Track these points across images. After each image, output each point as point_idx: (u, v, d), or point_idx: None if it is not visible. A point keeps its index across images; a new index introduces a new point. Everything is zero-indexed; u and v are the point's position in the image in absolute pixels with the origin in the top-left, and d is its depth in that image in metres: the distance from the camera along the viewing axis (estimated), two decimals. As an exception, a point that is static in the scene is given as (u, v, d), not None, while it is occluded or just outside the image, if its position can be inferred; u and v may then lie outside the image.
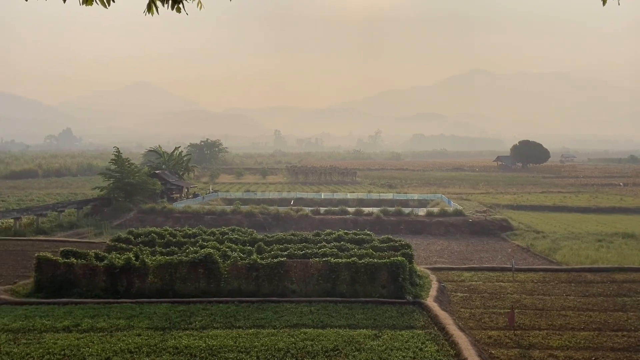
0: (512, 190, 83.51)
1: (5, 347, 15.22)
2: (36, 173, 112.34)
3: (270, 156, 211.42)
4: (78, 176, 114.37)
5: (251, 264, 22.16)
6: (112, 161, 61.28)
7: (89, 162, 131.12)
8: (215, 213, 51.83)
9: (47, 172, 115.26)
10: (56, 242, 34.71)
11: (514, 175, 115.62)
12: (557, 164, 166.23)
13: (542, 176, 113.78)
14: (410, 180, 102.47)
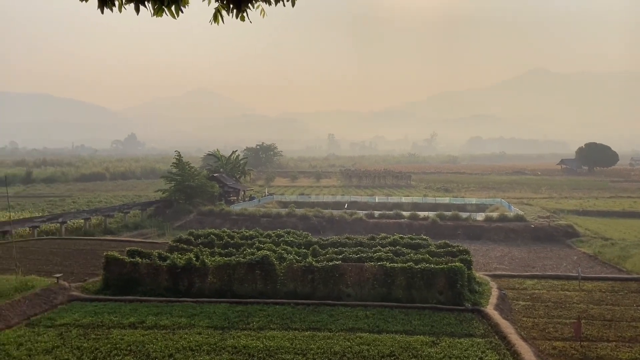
0: (578, 194, 79.60)
1: (76, 341, 16.12)
2: (104, 176, 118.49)
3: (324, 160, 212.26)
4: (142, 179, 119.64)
5: (307, 267, 22.33)
6: (173, 165, 63.65)
7: (152, 166, 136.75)
8: (270, 216, 52.67)
9: (114, 175, 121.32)
10: (122, 242, 36.41)
11: (579, 180, 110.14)
12: (626, 167, 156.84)
13: (610, 180, 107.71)
14: (468, 184, 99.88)
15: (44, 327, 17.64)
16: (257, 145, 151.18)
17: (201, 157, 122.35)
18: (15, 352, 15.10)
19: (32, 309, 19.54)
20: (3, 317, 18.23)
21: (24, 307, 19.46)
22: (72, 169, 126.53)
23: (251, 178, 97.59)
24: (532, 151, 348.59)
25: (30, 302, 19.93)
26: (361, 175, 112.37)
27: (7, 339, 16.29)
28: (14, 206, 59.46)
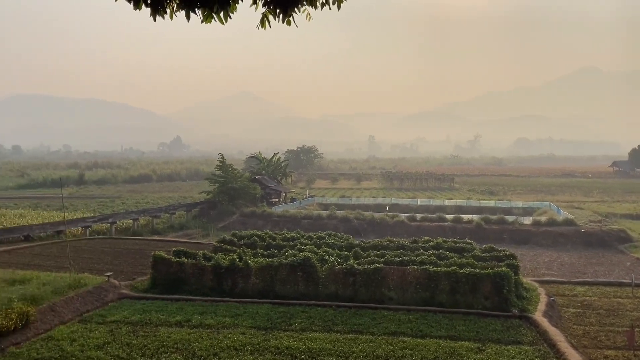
0: (631, 198, 75.94)
1: (126, 338, 16.69)
2: (151, 178, 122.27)
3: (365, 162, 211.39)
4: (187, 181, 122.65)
5: (348, 269, 22.29)
6: (217, 167, 64.94)
7: (196, 168, 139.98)
8: (311, 217, 52.89)
9: (160, 177, 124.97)
10: (168, 242, 37.44)
11: (632, 182, 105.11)
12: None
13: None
14: (514, 187, 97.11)
15: (95, 323, 18.35)
16: (298, 148, 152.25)
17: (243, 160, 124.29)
18: (69, 348, 15.77)
19: (84, 305, 20.36)
20: (58, 314, 19.08)
21: (77, 304, 20.31)
22: (122, 171, 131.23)
23: (292, 180, 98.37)
24: (582, 153, 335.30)
25: (83, 299, 20.78)
26: (402, 178, 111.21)
27: (61, 334, 17.05)
28: (68, 207, 62.15)
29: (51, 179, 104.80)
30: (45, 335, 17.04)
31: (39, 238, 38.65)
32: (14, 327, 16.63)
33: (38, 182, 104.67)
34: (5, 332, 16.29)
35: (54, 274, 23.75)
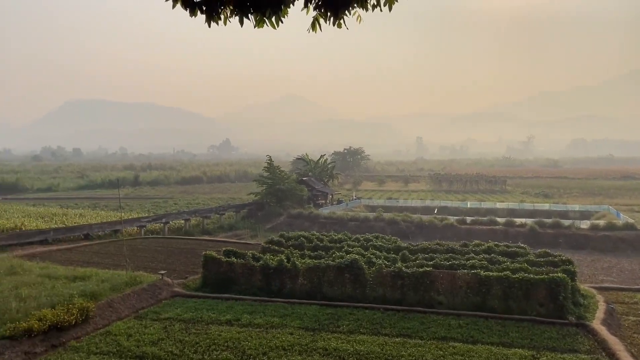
0: (700, 202, 71.23)
1: (179, 335, 17.20)
2: (201, 179, 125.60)
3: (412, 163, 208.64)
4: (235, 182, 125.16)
5: (396, 272, 22.07)
6: (264, 169, 65.91)
7: (245, 170, 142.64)
8: (358, 219, 52.72)
9: (211, 178, 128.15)
10: (218, 242, 38.31)
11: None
12: None
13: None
14: (570, 190, 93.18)
15: (150, 320, 19.02)
16: (344, 149, 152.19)
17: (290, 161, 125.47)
18: (126, 343, 16.42)
19: (140, 302, 21.14)
20: (115, 310, 19.90)
21: (133, 300, 21.11)
22: (174, 172, 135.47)
23: (339, 182, 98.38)
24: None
25: (138, 296, 21.58)
26: (451, 180, 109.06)
27: (118, 330, 17.77)
28: (124, 207, 64.77)
29: (109, 180, 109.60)
30: (103, 330, 17.81)
31: (98, 237, 40.45)
32: (74, 322, 17.47)
33: (96, 183, 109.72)
34: (66, 326, 17.14)
35: (112, 272, 24.82)
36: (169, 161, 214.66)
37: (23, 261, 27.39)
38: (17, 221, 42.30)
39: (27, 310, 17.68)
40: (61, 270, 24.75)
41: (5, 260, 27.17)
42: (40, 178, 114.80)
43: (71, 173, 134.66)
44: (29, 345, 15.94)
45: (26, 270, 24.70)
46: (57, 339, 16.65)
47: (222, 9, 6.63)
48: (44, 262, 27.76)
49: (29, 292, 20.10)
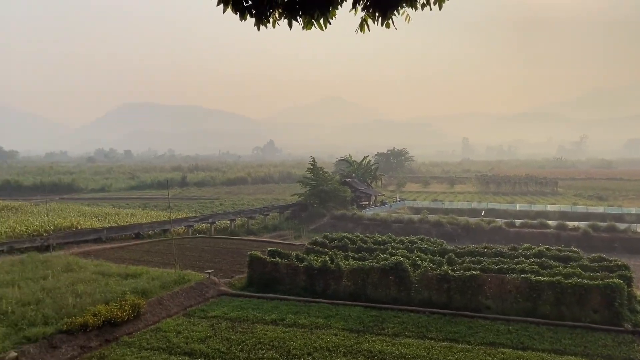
0: None
1: (225, 333, 17.52)
2: (246, 180, 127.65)
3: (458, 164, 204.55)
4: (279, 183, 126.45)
5: (442, 275, 21.68)
6: (308, 170, 66.26)
7: (288, 171, 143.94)
8: (402, 221, 52.16)
9: (255, 179, 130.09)
10: (263, 243, 38.80)
11: None
12: None
13: None
14: (626, 192, 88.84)
15: (198, 317, 19.47)
16: (388, 151, 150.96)
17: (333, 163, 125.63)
18: (175, 339, 16.87)
19: (188, 300, 21.69)
20: (165, 307, 20.49)
21: (182, 298, 21.68)
22: (219, 173, 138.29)
23: (382, 183, 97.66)
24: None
25: (186, 294, 22.14)
26: (499, 181, 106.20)
27: (168, 326, 18.29)
28: (172, 207, 66.68)
29: (158, 181, 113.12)
30: (154, 327, 18.37)
31: (148, 236, 41.81)
32: (127, 318, 18.12)
33: (146, 183, 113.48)
34: (119, 322, 17.79)
35: (161, 270, 25.57)
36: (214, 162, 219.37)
37: (79, 259, 28.64)
38: (73, 220, 44.26)
39: (82, 306, 18.47)
40: (114, 268, 25.72)
41: (62, 258, 28.50)
42: (94, 179, 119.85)
43: (122, 174, 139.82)
44: (85, 339, 16.65)
45: (82, 268, 25.81)
46: (110, 334, 17.31)
47: (271, 12, 6.70)
48: (98, 260, 28.92)
49: (85, 288, 20.99)
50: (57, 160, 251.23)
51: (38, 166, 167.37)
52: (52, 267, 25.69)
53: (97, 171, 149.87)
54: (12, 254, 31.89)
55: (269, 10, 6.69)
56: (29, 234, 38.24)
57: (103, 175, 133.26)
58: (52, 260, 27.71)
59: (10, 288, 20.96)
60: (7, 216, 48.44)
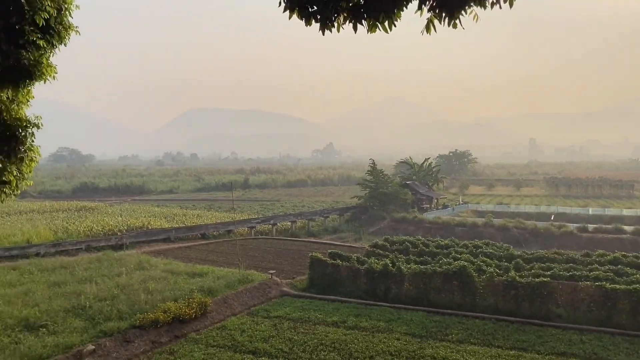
0: None
1: (288, 333, 17.78)
2: (306, 182, 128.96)
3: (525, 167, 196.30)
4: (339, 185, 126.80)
5: (509, 282, 20.91)
6: (367, 172, 65.94)
7: (348, 173, 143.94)
8: (466, 225, 50.75)
9: (315, 182, 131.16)
10: (323, 245, 39.05)
11: None
12: None
13: None
14: None
15: (261, 317, 19.89)
16: (450, 152, 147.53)
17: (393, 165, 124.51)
18: (239, 338, 17.33)
19: (251, 300, 22.21)
20: (229, 306, 21.10)
21: (246, 298, 22.23)
22: (280, 176, 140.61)
23: (444, 186, 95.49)
24: None
25: (250, 293, 22.69)
26: (570, 184, 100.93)
27: (232, 325, 18.82)
28: (235, 208, 68.49)
29: (222, 183, 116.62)
30: (219, 325, 18.96)
31: (213, 236, 43.21)
32: (194, 315, 18.82)
33: (211, 186, 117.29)
34: (187, 319, 18.51)
35: (226, 269, 26.36)
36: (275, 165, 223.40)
37: (149, 257, 30.09)
38: (144, 220, 46.52)
39: (153, 303, 19.38)
40: (182, 267, 26.81)
41: (134, 256, 30.07)
42: (163, 181, 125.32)
43: (189, 176, 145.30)
44: (155, 334, 17.45)
45: (152, 266, 27.09)
46: (179, 330, 18.04)
47: (335, 17, 6.77)
48: (167, 259, 30.25)
49: (155, 285, 22.02)
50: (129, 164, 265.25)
51: (112, 169, 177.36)
52: (125, 264, 27.16)
53: (165, 174, 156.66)
54: (90, 251, 33.99)
55: (334, 15, 6.76)
56: (104, 233, 40.59)
57: (171, 178, 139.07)
58: (126, 258, 29.29)
59: (88, 284, 22.35)
60: (85, 216, 51.66)
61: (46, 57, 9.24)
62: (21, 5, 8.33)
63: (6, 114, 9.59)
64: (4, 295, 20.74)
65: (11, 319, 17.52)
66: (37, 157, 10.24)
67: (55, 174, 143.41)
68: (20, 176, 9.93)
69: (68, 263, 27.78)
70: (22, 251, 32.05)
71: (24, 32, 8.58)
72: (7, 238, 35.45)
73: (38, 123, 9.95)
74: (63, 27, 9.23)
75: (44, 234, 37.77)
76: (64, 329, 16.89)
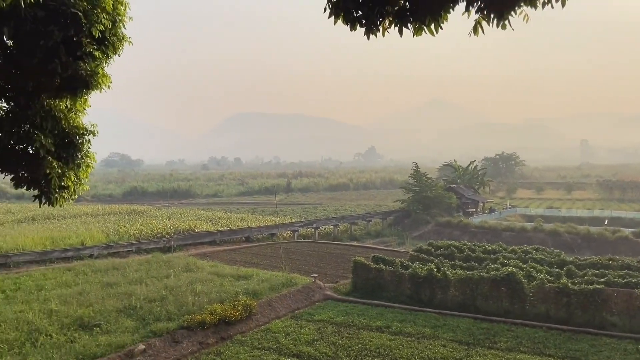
0: None
1: (332, 337, 17.77)
2: (348, 186, 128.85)
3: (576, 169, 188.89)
4: (381, 189, 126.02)
5: (560, 289, 20.16)
6: (410, 176, 65.21)
7: (390, 177, 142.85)
8: (514, 230, 49.37)
9: (357, 185, 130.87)
10: (366, 249, 38.84)
11: None
12: None
13: None
14: None
15: (305, 320, 19.97)
16: (496, 155, 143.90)
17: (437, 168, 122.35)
18: (284, 341, 17.46)
19: (295, 303, 22.34)
20: (274, 309, 21.30)
21: (290, 301, 22.39)
22: (322, 179, 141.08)
23: (490, 189, 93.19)
24: None
25: (294, 297, 22.83)
26: (624, 187, 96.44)
27: (277, 328, 18.99)
28: (278, 212, 69.18)
29: (264, 187, 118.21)
30: (264, 327, 19.17)
31: (256, 239, 43.80)
32: (239, 318, 19.09)
33: (254, 189, 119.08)
34: (233, 321, 18.81)
35: (270, 273, 26.65)
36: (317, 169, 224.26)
37: (196, 259, 30.81)
38: (191, 223, 47.69)
39: (200, 304, 19.82)
40: (227, 269, 27.28)
41: (182, 259, 30.86)
42: (208, 185, 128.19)
43: (233, 180, 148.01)
44: (203, 335, 17.82)
45: (199, 268, 27.72)
46: (225, 332, 18.36)
47: (381, 21, 6.75)
48: (212, 261, 30.88)
49: (202, 287, 22.51)
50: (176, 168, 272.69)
51: (160, 174, 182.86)
52: (173, 266, 27.92)
53: (210, 178, 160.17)
54: (140, 253, 35.16)
55: (379, 19, 6.74)
56: (153, 235, 41.87)
57: (215, 182, 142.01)
58: (174, 260, 30.10)
59: (138, 285, 23.10)
60: (134, 219, 53.47)
61: (102, 67, 9.69)
62: (79, 19, 8.75)
63: (65, 122, 10.09)
64: (61, 295, 21.72)
65: (67, 318, 18.31)
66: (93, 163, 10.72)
67: (107, 179, 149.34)
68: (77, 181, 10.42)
69: (119, 264, 28.81)
70: (76, 253, 33.49)
71: (82, 44, 9.02)
72: (63, 240, 37.10)
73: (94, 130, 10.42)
74: (117, 39, 9.65)
75: (97, 236, 39.34)
76: (116, 329, 17.51)
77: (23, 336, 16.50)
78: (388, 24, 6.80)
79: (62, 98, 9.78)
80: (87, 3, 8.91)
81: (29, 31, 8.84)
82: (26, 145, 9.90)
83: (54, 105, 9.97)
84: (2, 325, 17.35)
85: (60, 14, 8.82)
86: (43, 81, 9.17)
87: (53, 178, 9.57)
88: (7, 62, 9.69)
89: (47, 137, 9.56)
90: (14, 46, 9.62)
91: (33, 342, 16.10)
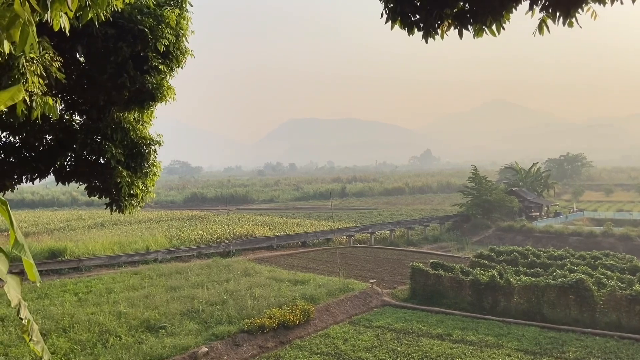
0: None
1: (391, 344, 17.57)
2: (403, 190, 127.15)
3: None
4: (438, 193, 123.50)
5: (633, 296, 19.00)
6: (469, 179, 63.46)
7: (447, 180, 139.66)
8: (581, 234, 46.98)
9: (412, 189, 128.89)
10: (424, 254, 38.17)
11: None
12: None
13: None
14: None
15: (363, 326, 19.87)
16: (561, 156, 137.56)
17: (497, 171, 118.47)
18: (342, 346, 17.45)
19: (353, 309, 22.28)
20: (331, 314, 21.34)
21: (347, 306, 22.36)
22: (377, 184, 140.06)
23: (555, 192, 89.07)
24: None
25: (351, 302, 22.78)
26: None
27: (335, 333, 19.00)
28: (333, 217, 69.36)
29: (319, 192, 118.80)
30: (322, 332, 19.24)
31: (313, 244, 44.09)
32: (298, 322, 19.27)
33: (309, 194, 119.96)
34: (291, 325, 19.01)
35: (327, 278, 26.73)
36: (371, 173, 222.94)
37: (254, 264, 31.41)
38: (249, 228, 48.71)
39: (259, 308, 20.17)
40: (284, 274, 27.64)
41: (241, 263, 31.56)
42: (264, 190, 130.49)
43: (288, 186, 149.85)
44: (262, 339, 18.13)
45: (257, 273, 28.24)
46: (284, 337, 18.58)
47: (439, 24, 6.64)
48: (270, 266, 31.37)
49: (260, 292, 22.91)
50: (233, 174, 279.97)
51: (218, 180, 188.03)
52: (233, 271, 28.60)
53: (266, 183, 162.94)
54: (201, 258, 36.28)
55: (437, 22, 6.64)
56: (213, 240, 43.09)
57: (271, 187, 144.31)
58: (233, 264, 30.84)
59: (200, 289, 23.83)
60: (195, 225, 55.28)
61: (166, 80, 10.13)
62: (146, 35, 9.21)
63: (133, 133, 10.62)
64: (129, 298, 22.76)
65: (134, 320, 19.16)
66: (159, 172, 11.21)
67: (169, 185, 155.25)
68: (145, 189, 10.92)
69: (182, 269, 29.85)
70: (142, 257, 35.01)
71: (148, 59, 9.48)
72: (129, 245, 38.91)
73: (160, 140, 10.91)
74: (180, 52, 10.06)
75: (160, 241, 40.97)
76: (180, 331, 18.13)
77: (95, 337, 17.41)
78: (447, 27, 6.68)
79: (131, 110, 10.32)
80: (152, 19, 9.36)
81: (100, 48, 9.40)
82: (98, 156, 10.50)
83: (123, 118, 10.54)
84: (75, 327, 18.38)
85: (128, 31, 9.32)
86: (113, 95, 9.72)
87: (123, 187, 10.08)
88: (80, 77, 10.34)
89: (118, 147, 10.10)
90: (86, 62, 10.26)
91: (104, 343, 16.95)
